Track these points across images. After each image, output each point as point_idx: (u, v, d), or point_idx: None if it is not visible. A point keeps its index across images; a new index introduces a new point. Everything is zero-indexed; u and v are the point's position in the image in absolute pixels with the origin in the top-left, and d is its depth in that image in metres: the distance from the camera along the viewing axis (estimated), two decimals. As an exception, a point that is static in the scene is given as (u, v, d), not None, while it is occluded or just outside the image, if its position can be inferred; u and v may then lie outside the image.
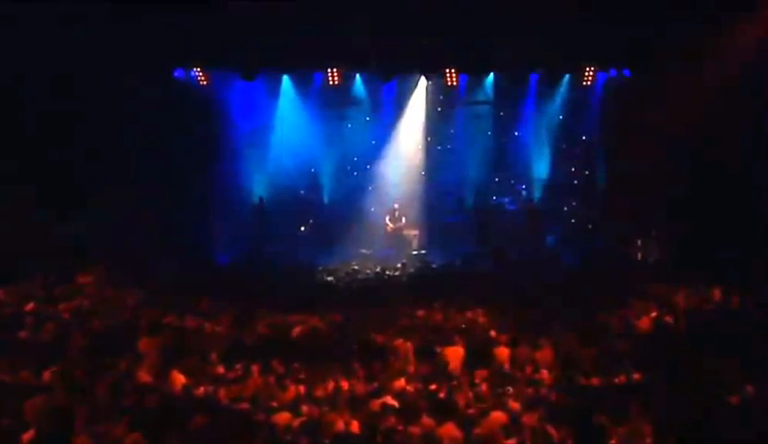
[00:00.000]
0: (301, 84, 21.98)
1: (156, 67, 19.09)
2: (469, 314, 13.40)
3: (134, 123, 18.76)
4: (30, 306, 13.23)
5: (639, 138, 18.51)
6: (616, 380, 10.08)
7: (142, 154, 19.11)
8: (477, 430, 8.38)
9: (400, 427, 8.34)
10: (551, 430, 8.25)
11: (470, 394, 9.60)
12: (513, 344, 11.59)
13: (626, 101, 19.48)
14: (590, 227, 21.54)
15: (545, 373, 10.57)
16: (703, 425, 8.16)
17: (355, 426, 8.52)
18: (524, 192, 22.64)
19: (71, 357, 10.86)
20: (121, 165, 18.59)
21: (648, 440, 8.04)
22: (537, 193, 22.40)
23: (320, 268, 19.32)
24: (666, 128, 17.38)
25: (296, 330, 12.47)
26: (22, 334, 11.92)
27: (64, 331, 12.14)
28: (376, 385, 10.03)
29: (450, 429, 8.29)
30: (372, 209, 22.70)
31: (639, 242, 19.69)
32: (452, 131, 23.12)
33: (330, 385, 9.92)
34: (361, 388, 9.96)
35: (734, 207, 16.16)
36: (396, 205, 22.15)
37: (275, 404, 9.27)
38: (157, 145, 19.49)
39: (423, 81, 21.96)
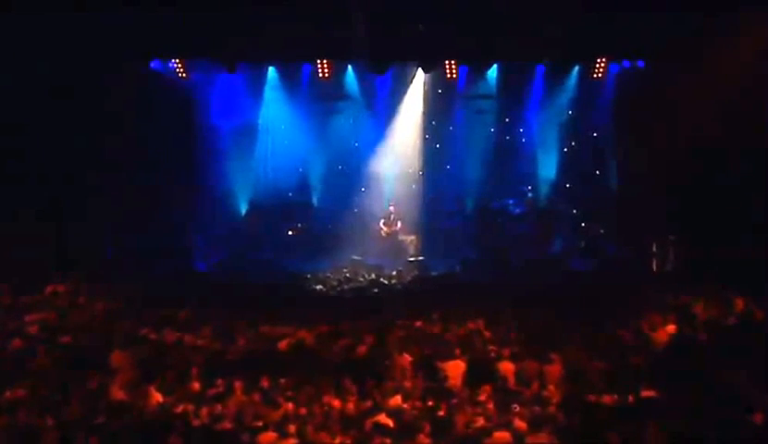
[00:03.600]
0: (288, 77, 21.96)
1: (131, 58, 19.04)
2: (471, 326, 13.39)
3: (107, 121, 18.74)
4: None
5: (655, 135, 18.56)
6: (630, 398, 10.09)
7: (117, 154, 19.11)
8: (480, 451, 8.42)
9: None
10: (560, 451, 8.29)
11: (472, 412, 9.61)
12: (517, 358, 11.61)
13: (641, 95, 19.51)
14: (602, 231, 21.53)
15: (553, 389, 10.58)
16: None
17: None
18: (529, 194, 22.58)
19: (38, 373, 10.85)
20: (94, 167, 18.59)
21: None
22: (543, 195, 22.43)
23: (309, 276, 19.33)
24: (684, 124, 17.43)
25: (283, 343, 12.48)
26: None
27: (30, 344, 12.13)
28: (369, 403, 10.04)
29: (450, 450, 8.32)
30: (365, 212, 22.69)
31: (655, 248, 19.70)
32: (451, 128, 23.11)
33: (320, 402, 9.92)
34: (353, 405, 9.96)
35: (759, 211, 16.20)
36: (391, 208, 22.16)
37: (260, 424, 9.27)
38: (133, 145, 19.49)
39: (420, 74, 21.97)
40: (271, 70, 21.79)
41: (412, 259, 21.30)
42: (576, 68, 20.98)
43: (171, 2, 16.89)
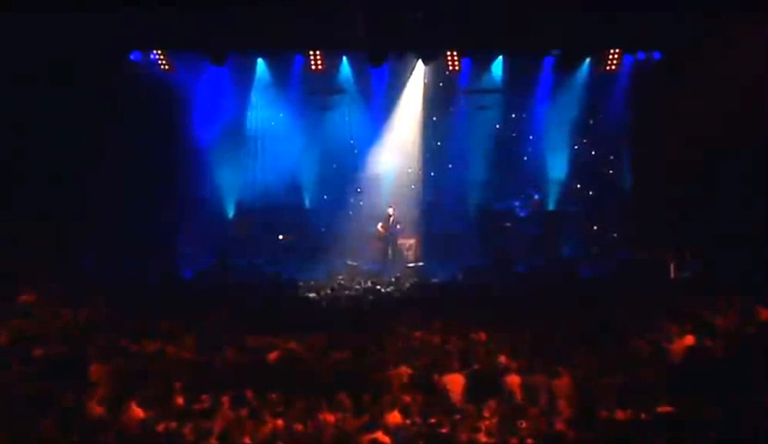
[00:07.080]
0: (278, 70, 21.98)
1: (109, 49, 18.99)
2: (473, 336, 13.40)
3: (86, 117, 18.72)
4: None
5: (672, 131, 18.56)
6: (644, 414, 10.10)
7: (97, 153, 19.09)
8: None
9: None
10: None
11: (475, 429, 9.61)
12: (524, 371, 11.61)
13: (657, 88, 19.52)
14: (615, 235, 21.56)
15: (562, 405, 10.59)
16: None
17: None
18: (536, 195, 22.63)
19: (11, 388, 10.84)
20: (72, 167, 18.58)
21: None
22: (552, 197, 22.45)
23: (301, 283, 19.28)
24: (703, 120, 17.43)
25: (273, 355, 12.46)
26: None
27: (2, 358, 12.11)
28: (366, 418, 10.04)
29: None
30: (362, 214, 22.68)
31: (672, 253, 19.70)
32: (453, 125, 23.13)
33: (313, 418, 9.92)
34: (349, 422, 9.96)
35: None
36: (389, 210, 22.12)
37: (248, 441, 9.26)
38: (114, 144, 19.48)
39: (420, 66, 21.99)
40: (260, 63, 21.78)
41: (411, 264, 21.35)
42: (588, 60, 20.98)
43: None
